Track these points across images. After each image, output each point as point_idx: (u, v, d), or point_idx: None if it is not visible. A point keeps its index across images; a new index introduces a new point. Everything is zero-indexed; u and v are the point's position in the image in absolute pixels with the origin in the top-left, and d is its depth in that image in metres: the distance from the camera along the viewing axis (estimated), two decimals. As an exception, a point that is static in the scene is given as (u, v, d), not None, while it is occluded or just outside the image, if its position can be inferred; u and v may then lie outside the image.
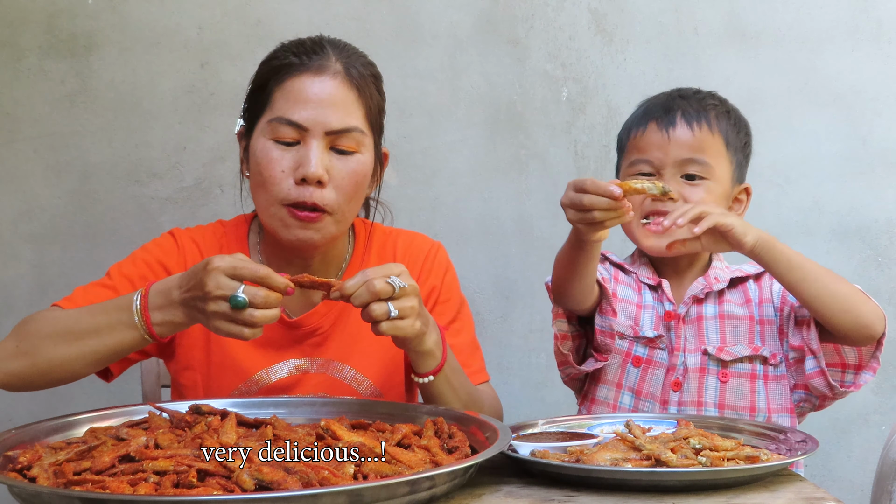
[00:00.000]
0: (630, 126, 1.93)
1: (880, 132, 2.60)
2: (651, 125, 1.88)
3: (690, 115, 1.87)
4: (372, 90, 1.75)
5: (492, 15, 2.53)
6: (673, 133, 1.86)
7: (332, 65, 1.71)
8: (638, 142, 1.89)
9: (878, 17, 2.59)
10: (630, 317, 1.88)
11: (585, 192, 1.54)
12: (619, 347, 1.86)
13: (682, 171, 1.85)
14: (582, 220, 1.57)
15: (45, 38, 2.43)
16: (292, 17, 2.49)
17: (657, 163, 1.86)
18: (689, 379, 1.83)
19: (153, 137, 2.46)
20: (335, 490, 1.15)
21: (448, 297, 1.84)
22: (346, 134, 1.69)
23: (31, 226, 2.45)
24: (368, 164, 1.73)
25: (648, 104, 1.94)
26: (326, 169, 1.67)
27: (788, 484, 1.38)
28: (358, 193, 1.73)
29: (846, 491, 2.60)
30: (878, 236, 2.61)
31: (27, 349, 1.56)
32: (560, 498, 1.31)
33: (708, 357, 1.84)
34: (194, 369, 1.76)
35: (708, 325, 1.87)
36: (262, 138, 1.71)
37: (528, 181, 2.55)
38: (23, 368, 1.56)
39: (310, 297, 1.79)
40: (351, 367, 1.77)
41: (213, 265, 1.43)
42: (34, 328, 1.59)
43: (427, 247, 1.87)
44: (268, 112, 1.71)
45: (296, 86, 1.70)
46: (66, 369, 1.56)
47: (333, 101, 1.69)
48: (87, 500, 1.14)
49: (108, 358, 1.56)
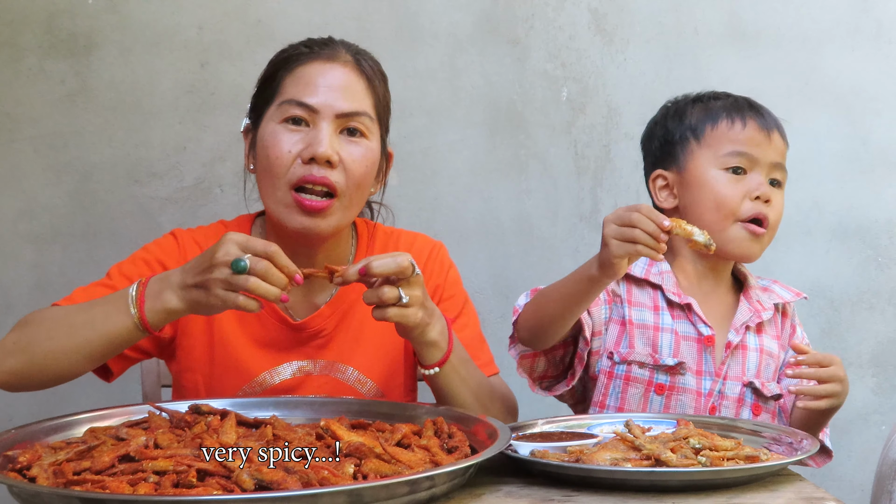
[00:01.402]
0: (713, 118, 1.84)
1: (880, 132, 2.60)
2: (751, 122, 1.82)
3: (780, 127, 1.85)
4: (379, 84, 1.76)
5: (492, 15, 2.53)
6: (772, 135, 1.83)
7: (342, 55, 1.73)
8: (736, 134, 1.81)
9: (878, 17, 2.59)
10: (648, 343, 1.81)
11: (637, 211, 1.50)
12: (638, 377, 1.79)
13: (770, 175, 1.82)
14: (621, 235, 1.50)
15: (45, 38, 2.43)
16: (292, 17, 2.49)
17: (755, 158, 1.81)
18: (723, 407, 1.80)
19: (153, 137, 2.46)
20: (335, 490, 1.15)
21: (452, 293, 1.84)
22: (357, 117, 1.70)
23: (31, 226, 2.45)
24: (377, 153, 1.74)
25: (717, 102, 1.86)
26: (336, 151, 1.67)
27: (788, 484, 1.38)
28: (366, 180, 1.72)
29: (846, 491, 2.60)
30: (878, 236, 2.61)
31: (24, 345, 1.55)
32: (560, 498, 1.31)
33: (749, 389, 1.82)
34: (195, 370, 1.75)
35: (750, 356, 1.84)
36: (272, 123, 1.70)
37: (528, 181, 2.55)
38: (20, 365, 1.55)
39: (313, 299, 1.79)
40: (354, 369, 1.77)
41: (227, 237, 1.44)
42: (31, 325, 1.58)
43: (429, 247, 1.88)
44: (277, 98, 1.71)
45: (307, 70, 1.71)
46: (62, 363, 1.54)
47: (344, 85, 1.70)
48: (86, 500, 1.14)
49: (102, 350, 1.53)
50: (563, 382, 1.81)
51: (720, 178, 1.80)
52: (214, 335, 1.74)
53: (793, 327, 1.92)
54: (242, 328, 1.75)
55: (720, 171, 1.80)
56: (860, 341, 2.62)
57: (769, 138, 1.82)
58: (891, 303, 2.60)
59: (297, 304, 1.78)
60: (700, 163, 1.82)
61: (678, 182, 1.85)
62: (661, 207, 1.86)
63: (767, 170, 1.82)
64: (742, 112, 1.83)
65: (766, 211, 1.79)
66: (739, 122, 1.82)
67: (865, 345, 2.62)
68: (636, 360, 1.78)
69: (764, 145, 1.81)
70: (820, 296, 2.61)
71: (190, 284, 1.46)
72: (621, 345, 1.79)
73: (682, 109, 1.89)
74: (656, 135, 1.92)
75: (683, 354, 1.80)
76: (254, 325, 1.75)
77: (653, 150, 1.93)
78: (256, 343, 1.75)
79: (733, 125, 1.82)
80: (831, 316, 2.61)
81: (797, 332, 1.92)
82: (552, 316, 1.66)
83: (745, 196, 1.79)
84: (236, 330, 1.74)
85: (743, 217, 1.79)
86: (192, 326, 1.74)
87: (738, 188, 1.79)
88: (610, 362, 1.79)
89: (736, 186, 1.79)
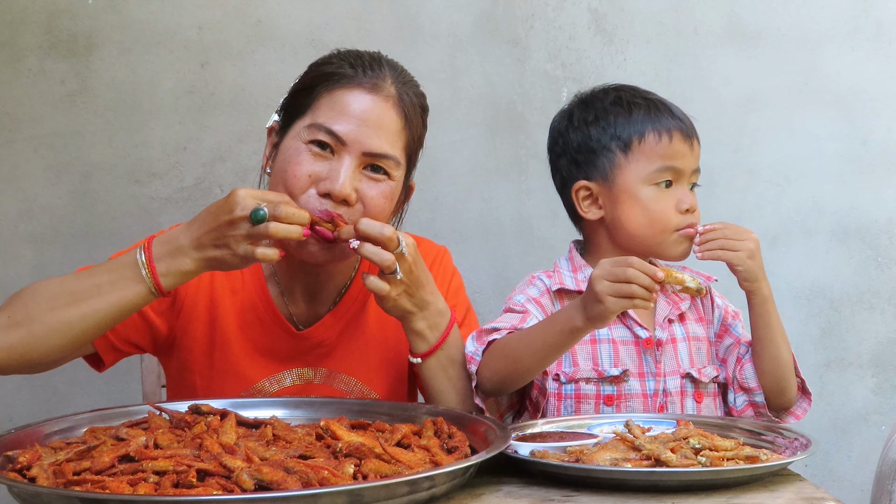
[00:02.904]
0: (638, 130, 1.82)
1: (880, 132, 2.60)
2: (677, 134, 1.80)
3: (694, 131, 1.84)
4: (418, 122, 1.71)
5: (492, 15, 2.53)
6: (693, 143, 1.82)
7: (387, 87, 1.66)
8: (663, 149, 1.79)
9: (878, 17, 2.59)
10: (589, 357, 1.80)
11: (631, 266, 1.51)
12: (588, 392, 1.79)
13: (691, 181, 1.82)
14: (617, 292, 1.51)
15: (45, 38, 2.43)
16: (292, 17, 2.49)
17: (680, 170, 1.80)
18: (670, 404, 1.81)
19: (153, 137, 2.46)
20: (335, 490, 1.15)
21: (454, 301, 1.83)
22: (383, 159, 1.64)
23: (31, 226, 2.45)
24: (397, 190, 1.69)
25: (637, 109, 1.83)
26: (355, 188, 1.62)
27: (788, 484, 1.38)
28: (381, 217, 1.66)
29: (846, 491, 2.60)
30: (878, 236, 2.61)
31: (21, 318, 1.50)
32: (560, 498, 1.31)
33: (687, 380, 1.82)
34: (193, 372, 1.74)
35: (680, 347, 1.84)
36: (297, 141, 1.64)
37: (528, 181, 2.55)
38: (19, 340, 1.49)
39: (316, 309, 1.78)
40: (357, 380, 1.76)
41: (237, 192, 1.46)
42: (27, 297, 1.53)
43: (434, 251, 1.87)
44: (309, 115, 1.65)
45: (345, 97, 1.63)
46: (67, 334, 1.50)
47: (380, 123, 1.64)
48: (86, 500, 1.14)
49: (111, 318, 1.51)
50: (525, 415, 1.82)
51: (651, 195, 1.79)
52: (216, 339, 1.73)
53: (713, 300, 1.91)
54: (244, 334, 1.73)
55: (650, 186, 1.79)
56: (860, 341, 2.62)
57: (692, 147, 1.82)
58: (891, 303, 2.60)
59: (299, 313, 1.77)
60: (629, 178, 1.80)
61: (604, 194, 1.82)
62: (586, 219, 1.85)
63: (689, 177, 1.82)
64: (666, 123, 1.81)
65: (693, 219, 1.80)
66: (666, 135, 1.80)
67: (865, 345, 2.62)
68: (582, 378, 1.78)
69: (688, 156, 1.81)
70: (820, 296, 2.61)
71: (207, 244, 1.47)
72: (564, 364, 1.79)
73: (601, 113, 1.85)
74: (572, 140, 1.87)
75: (624, 361, 1.80)
76: (256, 332, 1.74)
77: (571, 155, 1.88)
78: (257, 350, 1.74)
79: (660, 139, 1.80)
80: (831, 316, 2.61)
81: (719, 303, 1.91)
82: (527, 368, 1.66)
83: (675, 208, 1.79)
84: (238, 336, 1.73)
85: (676, 228, 1.79)
86: (194, 327, 1.73)
87: (668, 202, 1.79)
88: (557, 384, 1.79)
89: (666, 201, 1.79)
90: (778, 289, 2.56)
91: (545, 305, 1.82)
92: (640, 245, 1.81)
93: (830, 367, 2.62)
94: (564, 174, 1.89)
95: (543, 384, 1.77)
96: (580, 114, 1.87)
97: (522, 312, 1.78)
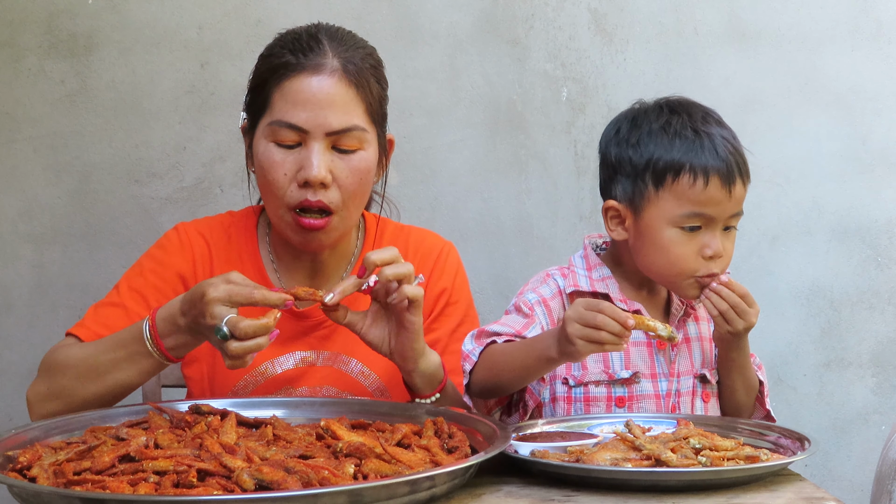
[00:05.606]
0: (674, 168, 1.74)
1: (880, 132, 2.60)
2: (714, 179, 1.72)
3: (742, 170, 1.77)
4: (372, 83, 1.73)
5: (492, 15, 2.53)
6: (734, 189, 1.74)
7: (328, 62, 1.70)
8: (696, 194, 1.72)
9: (878, 17, 2.59)
10: (599, 360, 1.79)
11: (601, 312, 1.51)
12: (597, 395, 1.79)
13: (726, 224, 1.76)
14: (587, 336, 1.51)
15: (45, 38, 2.43)
16: (292, 17, 2.48)
17: (711, 217, 1.74)
18: (682, 404, 1.81)
19: (153, 137, 2.46)
20: (335, 490, 1.15)
21: (458, 298, 1.84)
22: (348, 133, 1.69)
23: (31, 226, 2.45)
24: (372, 159, 1.73)
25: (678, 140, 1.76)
26: (329, 169, 1.67)
27: (788, 484, 1.38)
28: (363, 190, 1.72)
29: (846, 491, 2.60)
30: (878, 236, 2.61)
31: (58, 391, 1.62)
32: (560, 498, 1.31)
33: (699, 380, 1.83)
34: (201, 360, 1.78)
35: (694, 346, 1.84)
36: (264, 140, 1.70)
37: (528, 181, 2.55)
38: (59, 409, 1.61)
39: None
40: (357, 361, 1.77)
41: (209, 296, 1.45)
42: (59, 369, 1.63)
43: (439, 246, 1.87)
44: (267, 114, 1.70)
45: (294, 87, 1.69)
46: (100, 403, 1.61)
47: (332, 100, 1.68)
48: (87, 500, 1.14)
49: (135, 384, 1.61)
50: (515, 415, 1.82)
51: (674, 237, 1.74)
52: None
53: None
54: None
55: (675, 229, 1.74)
56: (860, 341, 2.62)
57: (730, 195, 1.74)
58: (891, 303, 2.60)
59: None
60: (656, 215, 1.75)
61: (631, 223, 1.78)
62: (612, 237, 1.82)
63: (723, 223, 1.76)
64: (705, 165, 1.73)
65: (716, 269, 1.74)
66: (702, 178, 1.72)
67: (865, 345, 2.62)
68: (591, 381, 1.78)
69: (724, 203, 1.74)
70: (820, 296, 2.61)
71: (196, 330, 1.51)
72: (573, 368, 1.78)
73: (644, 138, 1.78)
74: (613, 155, 1.83)
75: (636, 363, 1.79)
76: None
77: (609, 168, 1.84)
78: None
79: (694, 183, 1.72)
80: (831, 316, 2.61)
81: None
82: (509, 381, 1.69)
83: (698, 253, 1.74)
84: None
85: (696, 275, 1.75)
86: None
87: (691, 246, 1.74)
88: (566, 388, 1.78)
89: (689, 245, 1.74)
90: (778, 289, 2.59)
91: (554, 310, 1.81)
92: (656, 278, 1.81)
93: (830, 367, 2.62)
94: (602, 182, 1.88)
95: (538, 390, 1.77)
96: (626, 131, 1.82)
97: (528, 317, 1.77)
